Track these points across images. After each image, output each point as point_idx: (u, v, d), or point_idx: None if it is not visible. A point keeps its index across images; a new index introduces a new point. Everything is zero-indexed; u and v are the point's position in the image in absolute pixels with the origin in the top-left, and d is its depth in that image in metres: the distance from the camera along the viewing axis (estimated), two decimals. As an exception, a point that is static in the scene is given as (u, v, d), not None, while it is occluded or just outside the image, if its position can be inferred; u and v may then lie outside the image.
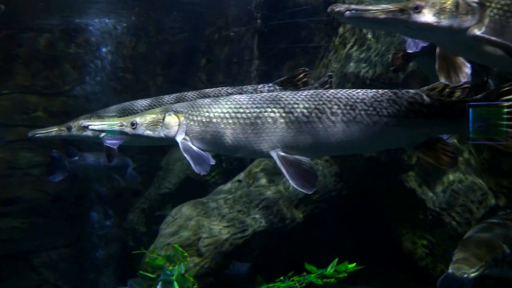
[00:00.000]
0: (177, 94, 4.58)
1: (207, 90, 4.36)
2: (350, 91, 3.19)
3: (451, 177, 5.49)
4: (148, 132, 3.22)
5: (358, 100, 3.07)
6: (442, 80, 3.08)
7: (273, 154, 3.02)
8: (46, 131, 5.23)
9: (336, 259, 4.25)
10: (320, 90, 3.12)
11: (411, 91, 3.20)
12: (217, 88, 4.26)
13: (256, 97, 3.11)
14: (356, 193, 5.79)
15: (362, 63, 5.65)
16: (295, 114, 3.00)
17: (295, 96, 3.09)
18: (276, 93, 3.13)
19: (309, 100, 3.04)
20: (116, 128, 3.26)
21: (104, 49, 8.72)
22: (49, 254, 8.00)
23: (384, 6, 2.83)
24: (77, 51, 8.48)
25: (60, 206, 7.99)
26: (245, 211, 5.34)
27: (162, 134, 3.20)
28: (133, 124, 3.21)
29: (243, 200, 5.45)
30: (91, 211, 8.30)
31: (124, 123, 3.27)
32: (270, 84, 3.37)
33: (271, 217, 5.38)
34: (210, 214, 5.31)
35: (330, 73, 3.75)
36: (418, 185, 5.40)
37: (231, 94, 3.94)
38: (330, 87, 3.86)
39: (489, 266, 3.75)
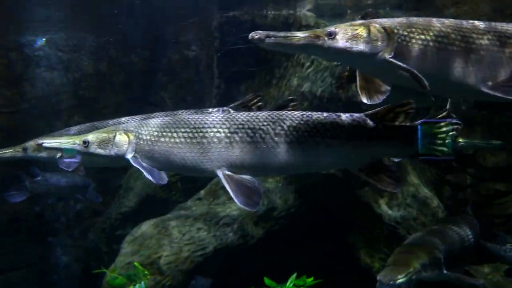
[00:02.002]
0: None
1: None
2: (295, 113, 3.30)
3: (405, 192, 5.70)
4: (100, 151, 3.27)
5: (302, 122, 3.17)
6: (364, 99, 3.25)
7: (219, 173, 3.11)
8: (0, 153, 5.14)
9: (295, 274, 4.33)
10: (264, 112, 3.23)
11: (355, 114, 3.33)
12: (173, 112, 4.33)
13: (203, 118, 3.21)
14: (315, 209, 5.91)
15: (319, 82, 5.83)
16: (240, 135, 3.10)
17: (240, 117, 3.20)
18: (223, 114, 3.23)
19: (254, 121, 3.14)
20: (69, 146, 3.29)
21: (61, 67, 8.65)
22: (8, 276, 7.78)
23: (301, 32, 3.04)
24: (33, 69, 8.39)
25: (19, 227, 7.80)
26: (205, 228, 5.38)
27: (112, 153, 3.25)
28: (85, 142, 3.26)
29: (204, 218, 5.49)
30: (51, 231, 8.14)
31: (77, 141, 3.31)
32: (224, 108, 3.47)
33: (232, 234, 5.43)
34: (170, 232, 5.32)
35: (292, 97, 3.89)
36: (374, 200, 5.57)
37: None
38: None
39: (418, 271, 3.93)
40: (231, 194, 3.05)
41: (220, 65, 7.16)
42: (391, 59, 3.04)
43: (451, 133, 3.85)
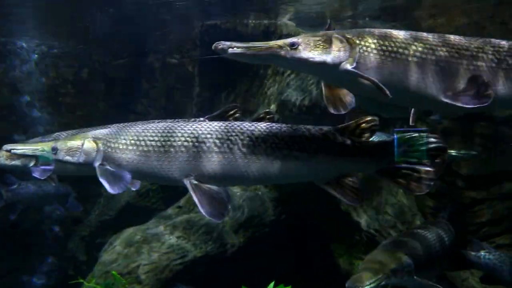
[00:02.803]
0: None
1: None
2: (265, 124, 3.31)
3: (383, 200, 5.77)
4: (68, 158, 3.24)
5: (271, 134, 3.18)
6: (331, 110, 3.31)
7: (186, 182, 3.10)
8: None
9: (273, 282, 4.35)
10: (233, 122, 3.24)
11: (325, 128, 3.36)
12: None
13: (171, 126, 3.20)
14: (295, 217, 5.95)
15: (299, 90, 5.88)
16: (208, 144, 3.09)
17: (209, 126, 3.20)
18: (192, 123, 3.22)
19: (222, 131, 3.15)
20: (38, 152, 3.26)
21: (39, 73, 8.57)
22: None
23: (264, 43, 3.07)
24: (13, 74, 8.31)
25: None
26: (185, 236, 5.38)
27: (81, 160, 3.23)
28: (53, 149, 3.23)
29: (183, 226, 5.48)
30: (29, 240, 8.02)
31: (45, 148, 3.28)
32: (202, 119, 3.47)
33: (211, 242, 5.44)
34: (150, 240, 5.30)
35: (268, 110, 3.91)
36: (353, 208, 5.63)
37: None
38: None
39: (387, 277, 3.98)
40: (197, 204, 3.04)
41: (201, 74, 7.18)
42: (353, 69, 3.09)
43: (425, 141, 3.93)
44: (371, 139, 3.39)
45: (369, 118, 3.29)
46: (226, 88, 7.14)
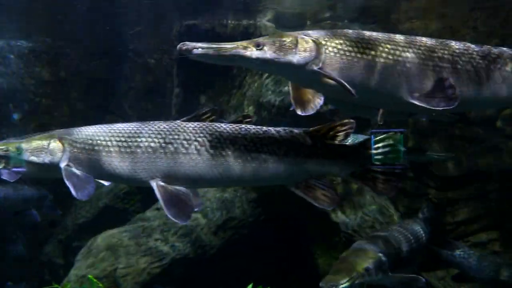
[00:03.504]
0: None
1: None
2: (234, 126, 3.28)
3: (362, 201, 5.81)
4: (33, 158, 3.18)
5: (240, 136, 3.16)
6: (298, 111, 3.27)
7: (152, 183, 3.05)
8: None
9: (251, 284, 4.34)
10: (203, 123, 3.22)
11: (296, 130, 3.34)
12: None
13: (138, 127, 3.17)
14: (274, 218, 5.95)
15: (278, 92, 5.89)
16: (175, 145, 3.06)
17: (177, 127, 3.16)
18: (159, 123, 3.18)
19: (190, 132, 3.12)
20: (1, 153, 3.19)
21: (16, 73, 8.42)
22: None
23: (229, 44, 3.05)
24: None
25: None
26: (163, 239, 5.33)
27: (46, 161, 3.17)
28: (18, 149, 3.16)
29: (161, 228, 5.44)
30: (2, 245, 7.85)
31: (10, 148, 3.21)
32: (178, 121, 3.43)
33: (190, 245, 5.40)
34: (127, 243, 5.24)
35: (246, 113, 3.88)
36: (332, 209, 5.65)
37: None
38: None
39: (362, 276, 3.99)
40: (162, 205, 3.00)
41: (180, 74, 7.13)
42: (319, 70, 3.08)
43: (402, 142, 3.95)
44: (348, 141, 3.39)
45: (344, 121, 3.28)
46: (205, 89, 7.12)
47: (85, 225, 7.49)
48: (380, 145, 3.30)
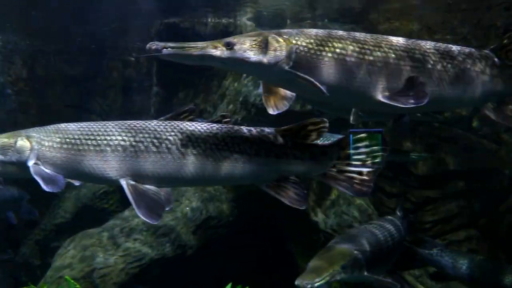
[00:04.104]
0: None
1: None
2: (205, 125, 3.26)
3: (341, 200, 5.85)
4: (0, 157, 3.12)
5: (211, 135, 3.14)
6: (269, 110, 3.28)
7: (123, 182, 3.01)
8: None
9: (230, 284, 4.33)
10: (174, 122, 3.19)
11: (267, 129, 3.32)
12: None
13: (108, 125, 3.13)
14: (253, 218, 5.95)
15: (257, 92, 5.89)
16: (145, 144, 3.03)
17: (148, 125, 3.13)
18: (130, 121, 3.15)
19: (161, 131, 3.09)
20: None
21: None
22: None
23: (199, 43, 3.03)
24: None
25: None
26: (142, 239, 5.29)
27: (13, 159, 3.10)
28: None
29: (140, 228, 5.39)
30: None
31: None
32: (155, 121, 3.40)
33: (169, 244, 5.37)
34: (105, 243, 5.19)
35: (225, 114, 3.86)
36: (311, 208, 5.68)
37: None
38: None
39: (338, 273, 3.98)
40: (133, 204, 2.95)
41: (160, 72, 7.08)
42: (290, 70, 3.09)
43: (380, 142, 3.97)
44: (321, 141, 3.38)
45: (316, 120, 3.25)
46: (184, 88, 7.08)
47: (63, 225, 7.39)
48: (357, 145, 3.29)
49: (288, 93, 3.32)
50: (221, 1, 6.97)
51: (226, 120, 3.41)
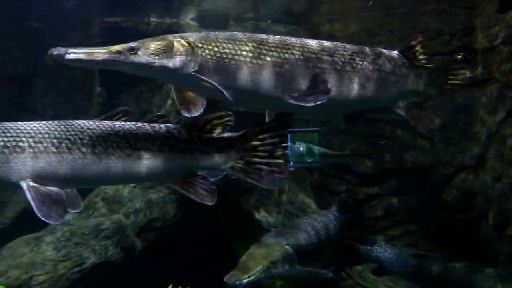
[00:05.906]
0: None
1: None
2: (107, 123, 3.23)
3: (284, 198, 5.93)
4: None
5: (112, 132, 3.11)
6: (183, 112, 3.30)
7: (23, 184, 2.94)
8: None
9: (170, 285, 4.30)
10: (75, 121, 3.16)
11: (171, 125, 3.29)
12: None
13: (7, 126, 3.05)
14: (198, 218, 5.93)
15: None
16: (45, 144, 2.99)
17: (48, 125, 3.09)
18: (24, 122, 3.09)
19: (62, 131, 3.05)
20: None
21: None
22: None
23: (102, 48, 3.01)
24: None
25: None
26: (83, 243, 5.16)
27: None
28: None
29: (82, 232, 5.26)
30: None
31: None
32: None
33: (112, 248, 5.27)
34: (44, 249, 5.02)
35: (162, 113, 3.81)
36: (255, 207, 5.73)
37: None
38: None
39: (268, 268, 4.03)
40: (33, 206, 2.88)
41: (102, 72, 6.92)
42: (194, 73, 3.11)
43: (315, 141, 4.03)
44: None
45: (221, 113, 3.22)
46: (128, 89, 6.95)
47: (2, 231, 7.09)
48: (264, 135, 3.23)
49: (199, 97, 3.33)
50: (164, 1, 6.91)
51: (163, 119, 3.38)
